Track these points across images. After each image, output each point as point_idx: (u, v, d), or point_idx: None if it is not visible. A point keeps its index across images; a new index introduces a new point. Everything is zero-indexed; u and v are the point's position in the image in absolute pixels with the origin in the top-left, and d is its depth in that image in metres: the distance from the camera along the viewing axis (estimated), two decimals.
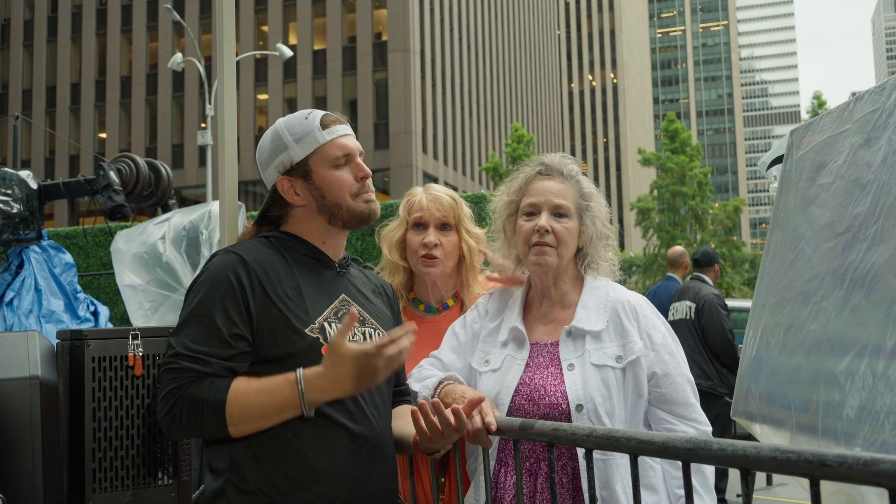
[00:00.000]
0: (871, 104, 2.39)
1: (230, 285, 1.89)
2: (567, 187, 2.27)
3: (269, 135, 2.09)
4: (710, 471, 2.10)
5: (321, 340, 1.93)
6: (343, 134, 2.07)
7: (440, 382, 2.22)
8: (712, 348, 6.70)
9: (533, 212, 2.26)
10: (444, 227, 2.68)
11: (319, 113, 2.08)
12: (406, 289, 2.74)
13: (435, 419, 1.91)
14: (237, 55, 34.31)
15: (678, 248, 8.22)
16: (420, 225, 2.67)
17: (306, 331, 1.92)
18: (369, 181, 2.08)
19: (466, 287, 2.74)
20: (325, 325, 1.96)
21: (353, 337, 2.00)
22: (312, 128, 2.04)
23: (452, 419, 1.90)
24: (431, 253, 2.64)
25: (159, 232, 6.03)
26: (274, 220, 2.13)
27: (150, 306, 5.63)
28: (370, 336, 2.06)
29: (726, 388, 6.64)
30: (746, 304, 11.72)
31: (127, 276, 5.68)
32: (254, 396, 1.82)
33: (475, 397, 1.99)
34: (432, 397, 2.20)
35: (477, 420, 1.96)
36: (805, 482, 2.47)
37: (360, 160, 2.08)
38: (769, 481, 7.88)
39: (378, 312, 2.14)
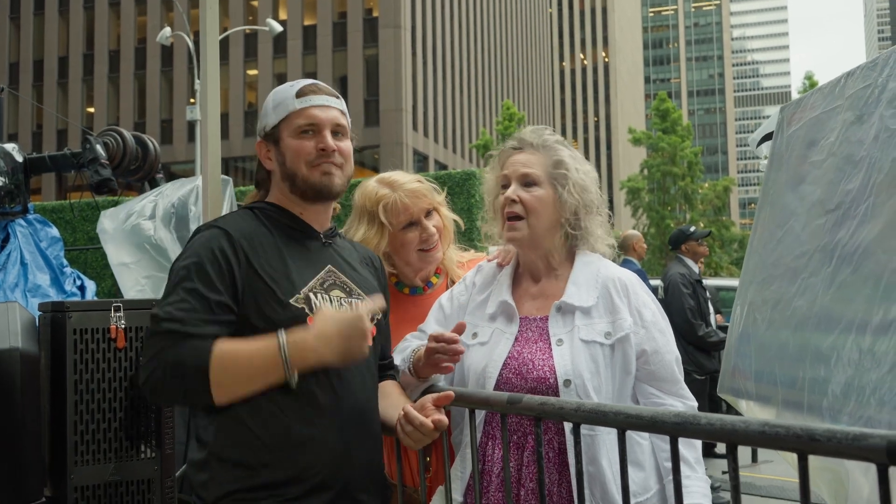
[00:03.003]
0: (862, 80, 2.37)
1: (214, 257, 1.89)
2: (536, 157, 2.25)
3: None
4: (699, 443, 2.10)
5: (306, 311, 1.93)
6: (317, 105, 2.05)
7: (414, 351, 2.23)
8: (675, 326, 6.87)
9: (506, 184, 2.26)
10: (428, 213, 2.66)
11: (304, 83, 2.08)
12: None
13: (415, 427, 1.96)
14: (227, 30, 34.06)
15: (628, 232, 8.36)
16: (411, 223, 2.63)
17: (291, 301, 1.92)
18: (332, 154, 2.04)
19: (444, 255, 2.74)
20: (311, 295, 1.96)
21: (340, 307, 2.01)
22: (287, 95, 2.06)
23: (431, 426, 1.94)
24: (431, 241, 2.63)
25: (147, 210, 5.98)
26: (264, 184, 2.17)
27: (146, 282, 5.61)
28: (355, 307, 2.03)
29: (693, 366, 6.86)
30: (733, 282, 11.75)
31: (116, 255, 5.64)
32: (237, 359, 1.81)
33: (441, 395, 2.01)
34: (409, 368, 2.20)
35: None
36: (792, 458, 2.47)
37: (327, 133, 2.04)
38: (754, 459, 7.93)
39: (365, 283, 2.14)
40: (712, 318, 7.44)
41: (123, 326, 2.26)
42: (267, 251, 1.95)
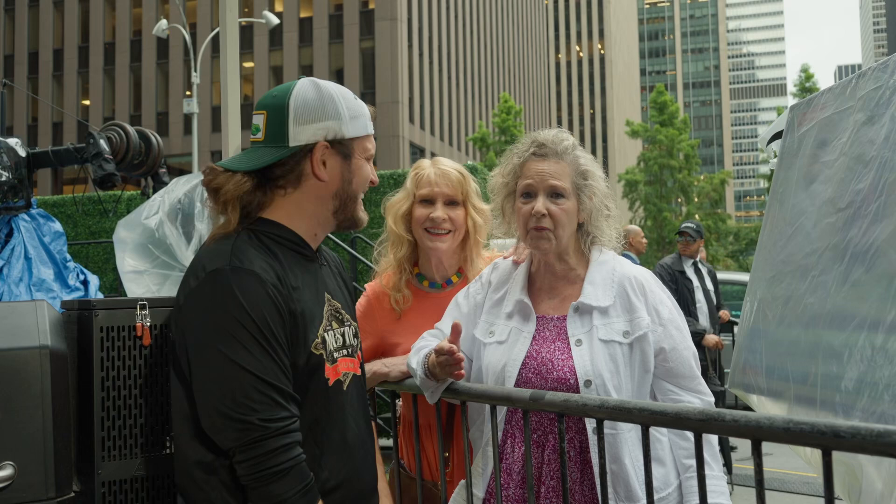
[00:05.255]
0: (874, 81, 2.41)
1: (270, 313, 1.73)
2: (562, 166, 2.23)
3: (313, 92, 1.87)
4: (715, 440, 2.15)
5: (323, 357, 1.84)
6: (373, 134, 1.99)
7: (427, 356, 2.21)
8: None
9: (530, 193, 2.24)
10: (451, 202, 2.65)
11: (365, 104, 1.97)
12: (410, 263, 2.73)
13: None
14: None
15: (627, 227, 8.69)
16: (428, 200, 2.65)
17: (312, 349, 1.83)
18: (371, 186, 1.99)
19: (470, 262, 2.72)
20: (325, 336, 1.87)
21: (337, 341, 1.91)
22: (365, 112, 1.93)
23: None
24: (440, 227, 2.62)
25: (155, 206, 6.00)
26: (271, 179, 1.88)
27: (157, 289, 5.68)
28: (346, 335, 1.97)
29: None
30: (735, 276, 11.84)
31: (129, 264, 5.67)
32: None
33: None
34: (426, 372, 2.19)
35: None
36: (804, 452, 2.52)
37: (372, 165, 1.99)
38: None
39: (346, 301, 2.05)
40: (703, 309, 7.57)
41: (149, 324, 2.29)
42: (291, 293, 1.80)
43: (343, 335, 1.94)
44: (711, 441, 2.11)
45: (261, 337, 1.70)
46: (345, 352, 1.93)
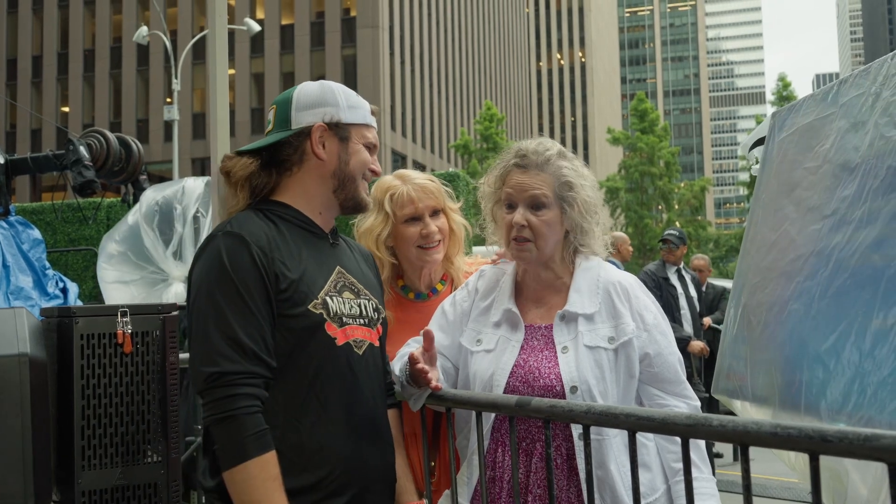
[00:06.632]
0: (856, 88, 2.43)
1: (250, 274, 1.87)
2: (543, 178, 2.21)
3: (316, 86, 2.09)
4: (703, 444, 2.14)
5: (324, 316, 1.94)
6: (375, 129, 2.16)
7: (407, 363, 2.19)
8: None
9: (511, 204, 2.24)
10: (434, 213, 2.67)
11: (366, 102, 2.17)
12: (394, 279, 2.74)
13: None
14: (203, 29, 33.82)
15: (615, 234, 8.79)
16: (414, 218, 2.65)
17: (309, 307, 1.92)
18: (375, 176, 2.16)
19: (450, 262, 2.74)
20: (328, 299, 1.96)
21: (350, 309, 2.01)
22: (365, 106, 2.12)
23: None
24: (433, 240, 2.63)
25: (132, 218, 5.99)
26: (277, 162, 2.06)
27: (142, 299, 5.68)
28: (364, 307, 2.06)
29: None
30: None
31: (119, 274, 5.67)
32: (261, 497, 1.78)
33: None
34: (406, 379, 2.17)
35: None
36: (787, 457, 2.52)
37: (375, 156, 2.14)
38: (736, 457, 8.02)
39: (370, 283, 2.16)
40: (686, 316, 7.63)
41: (130, 331, 2.26)
42: (283, 255, 1.93)
43: (360, 306, 2.06)
44: (699, 444, 2.11)
45: (238, 299, 1.85)
46: (361, 321, 2.05)
